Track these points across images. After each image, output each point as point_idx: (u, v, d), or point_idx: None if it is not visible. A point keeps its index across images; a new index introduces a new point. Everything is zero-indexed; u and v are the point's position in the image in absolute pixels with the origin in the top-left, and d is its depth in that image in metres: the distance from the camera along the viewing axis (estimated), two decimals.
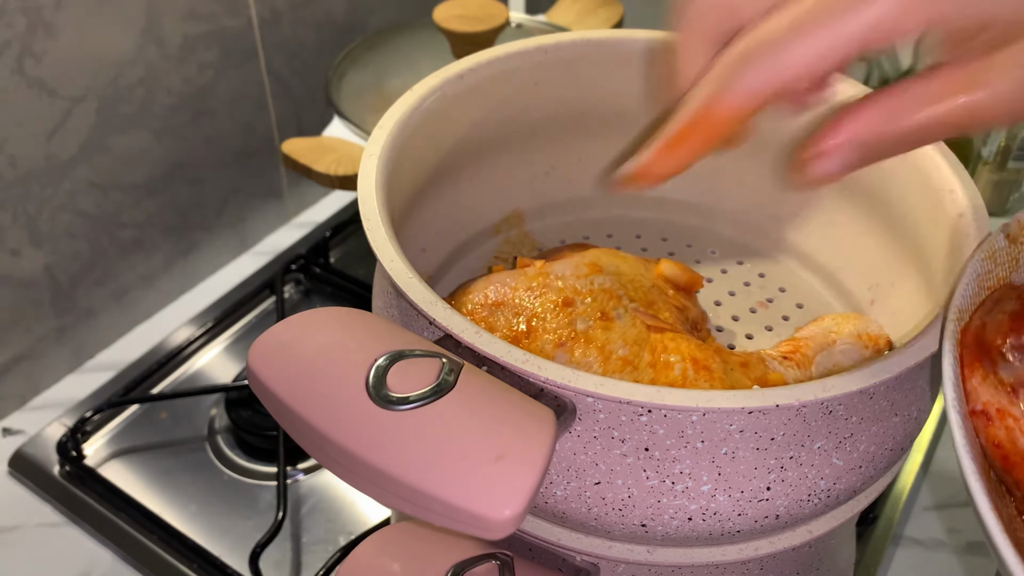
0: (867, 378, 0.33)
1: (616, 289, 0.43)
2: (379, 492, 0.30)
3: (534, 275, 0.43)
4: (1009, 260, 0.34)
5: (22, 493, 0.64)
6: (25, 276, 0.67)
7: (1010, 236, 0.34)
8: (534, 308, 0.42)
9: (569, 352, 0.40)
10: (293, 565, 0.59)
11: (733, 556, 0.38)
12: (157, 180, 0.74)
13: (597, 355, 0.40)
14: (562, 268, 0.44)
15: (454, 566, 0.38)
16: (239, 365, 0.73)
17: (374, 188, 0.40)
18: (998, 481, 0.31)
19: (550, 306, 0.42)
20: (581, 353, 0.40)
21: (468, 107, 0.49)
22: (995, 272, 0.34)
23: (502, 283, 0.43)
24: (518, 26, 0.83)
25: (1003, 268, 0.34)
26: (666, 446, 0.34)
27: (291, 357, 0.33)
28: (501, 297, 0.42)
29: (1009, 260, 0.34)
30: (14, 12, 0.59)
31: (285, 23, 0.79)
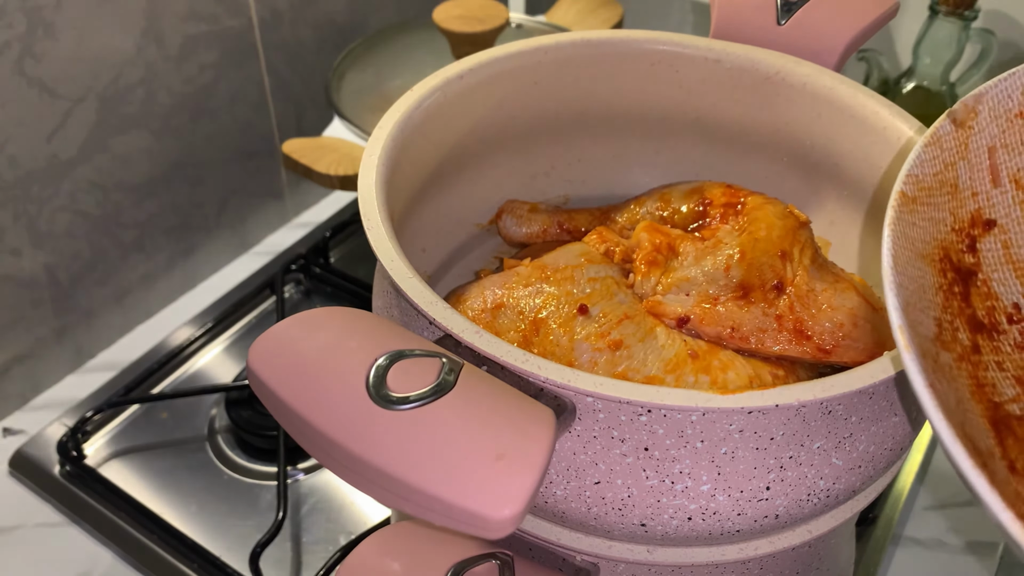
0: (867, 378, 0.33)
1: (612, 275, 0.44)
2: (379, 492, 0.30)
3: (528, 273, 0.43)
4: (957, 146, 0.35)
5: (22, 493, 0.64)
6: (25, 276, 0.67)
7: (956, 121, 0.35)
8: (538, 305, 0.42)
9: (590, 342, 0.41)
10: (293, 565, 0.59)
11: (733, 556, 0.38)
12: (157, 180, 0.74)
13: (610, 343, 0.41)
14: (555, 260, 0.44)
15: (454, 566, 0.38)
16: (239, 365, 0.73)
17: (374, 188, 0.40)
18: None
19: (553, 301, 0.42)
20: (598, 341, 0.41)
21: (468, 107, 0.49)
22: (941, 157, 0.34)
23: (498, 286, 0.43)
24: (518, 26, 0.83)
25: (949, 153, 0.35)
26: (666, 446, 0.34)
27: (291, 357, 0.33)
28: (500, 300, 0.42)
29: (957, 146, 0.35)
30: (14, 12, 0.59)
31: (285, 23, 0.79)
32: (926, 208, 0.33)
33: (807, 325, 0.42)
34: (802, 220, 0.46)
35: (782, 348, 0.42)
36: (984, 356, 0.33)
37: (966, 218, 0.34)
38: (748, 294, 0.43)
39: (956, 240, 0.34)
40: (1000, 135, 0.35)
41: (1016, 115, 0.35)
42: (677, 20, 0.98)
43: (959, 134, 0.34)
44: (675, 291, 0.43)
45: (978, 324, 0.33)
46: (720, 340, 0.42)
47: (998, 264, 0.35)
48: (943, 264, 0.33)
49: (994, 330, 0.34)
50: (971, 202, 0.35)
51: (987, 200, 0.35)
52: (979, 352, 0.33)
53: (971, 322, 0.33)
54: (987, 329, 0.34)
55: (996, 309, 0.34)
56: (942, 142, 0.34)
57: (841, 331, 0.42)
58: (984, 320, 0.34)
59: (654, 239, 0.45)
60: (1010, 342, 0.34)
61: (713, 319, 0.42)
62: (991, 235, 0.35)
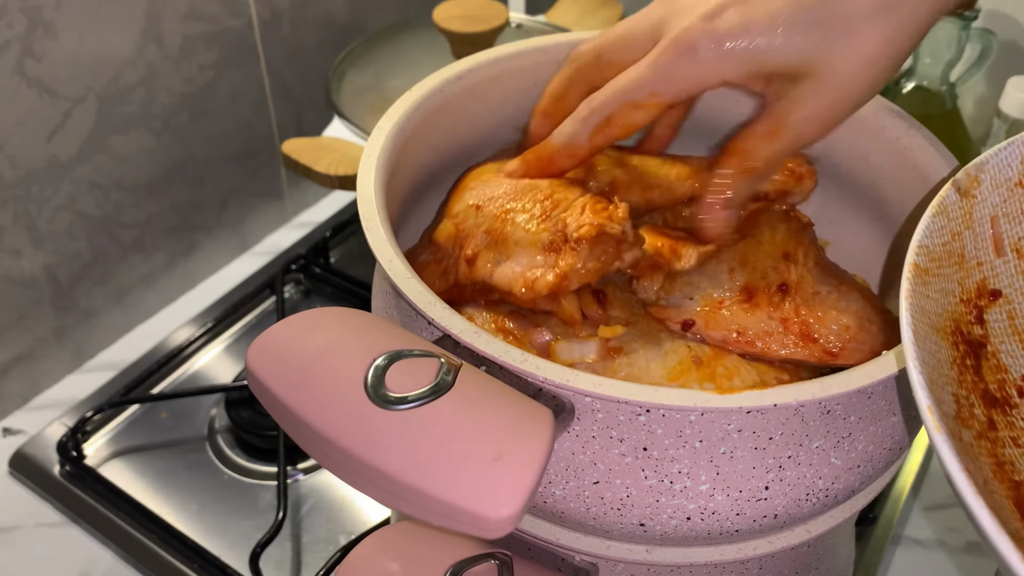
0: (865, 378, 0.33)
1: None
2: (378, 492, 0.30)
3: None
4: (962, 215, 0.35)
5: (22, 493, 0.64)
6: (25, 276, 0.67)
7: (961, 190, 0.35)
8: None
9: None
10: (293, 565, 0.59)
11: (732, 556, 0.38)
12: (157, 180, 0.74)
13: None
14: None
15: (453, 566, 0.38)
16: (239, 365, 0.73)
17: (374, 188, 0.40)
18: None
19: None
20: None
21: (468, 107, 0.49)
22: (948, 227, 0.34)
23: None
24: (518, 26, 0.83)
25: (955, 223, 0.35)
26: (664, 446, 0.34)
27: (290, 357, 0.33)
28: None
29: (962, 215, 0.35)
30: (14, 12, 0.59)
31: (285, 23, 0.79)
32: (937, 279, 0.33)
33: (813, 328, 0.42)
34: (804, 222, 0.46)
35: (788, 351, 0.42)
36: (1000, 432, 0.33)
37: (973, 289, 0.34)
38: (753, 297, 0.42)
39: (965, 311, 0.34)
40: (1002, 204, 0.36)
41: (1016, 184, 0.36)
42: None
43: (964, 203, 0.35)
44: (678, 295, 0.43)
45: (991, 399, 0.33)
46: (726, 344, 0.42)
47: (1005, 335, 0.35)
48: (955, 337, 0.33)
49: (1007, 404, 0.34)
50: (976, 272, 0.35)
51: (991, 270, 0.35)
52: (995, 428, 0.33)
53: (985, 397, 0.33)
54: (1000, 403, 0.33)
55: (1007, 382, 0.34)
56: (948, 212, 0.34)
57: (848, 333, 0.42)
58: (996, 394, 0.33)
59: (655, 242, 0.45)
60: (1023, 416, 0.34)
61: (718, 323, 0.42)
62: (997, 305, 0.35)
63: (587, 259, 0.39)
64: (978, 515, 0.25)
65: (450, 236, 0.43)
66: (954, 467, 0.26)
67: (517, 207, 0.42)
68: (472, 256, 0.41)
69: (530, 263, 0.40)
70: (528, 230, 0.40)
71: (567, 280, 0.39)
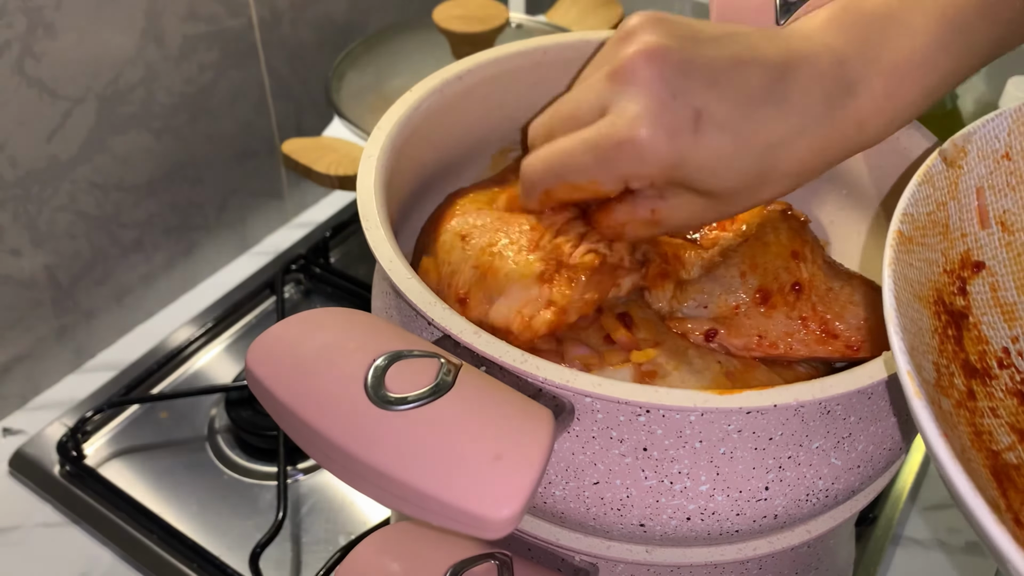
0: (865, 378, 0.33)
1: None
2: (378, 492, 0.30)
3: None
4: (948, 185, 0.35)
5: (22, 493, 0.64)
6: (25, 276, 0.67)
7: (947, 160, 0.35)
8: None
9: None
10: (293, 565, 0.59)
11: (732, 556, 0.38)
12: (157, 180, 0.74)
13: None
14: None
15: (453, 566, 0.38)
16: (239, 365, 0.73)
17: (373, 188, 0.40)
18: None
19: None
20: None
21: (468, 107, 0.49)
22: (934, 196, 0.34)
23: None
24: (518, 26, 0.83)
25: (941, 192, 0.35)
26: (664, 446, 0.34)
27: (290, 357, 0.33)
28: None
29: (948, 185, 0.35)
30: (14, 12, 0.59)
31: (285, 23, 0.79)
32: (921, 248, 0.33)
33: (833, 324, 0.42)
34: (802, 219, 0.46)
35: (810, 350, 0.42)
36: (979, 402, 0.33)
37: (957, 260, 0.35)
38: (768, 299, 0.42)
39: (948, 282, 0.34)
40: (988, 176, 0.36)
41: (1002, 156, 0.36)
42: None
43: (950, 173, 0.35)
44: (692, 304, 0.43)
45: (972, 369, 0.33)
46: (749, 350, 0.42)
47: (987, 307, 0.35)
48: (937, 307, 0.33)
49: (987, 375, 0.34)
50: (961, 243, 0.35)
51: (975, 242, 0.35)
52: (974, 398, 0.33)
53: (965, 367, 0.33)
54: (980, 374, 0.34)
55: (987, 353, 0.34)
56: (934, 181, 0.34)
57: (867, 326, 0.42)
58: (977, 365, 0.34)
59: (658, 250, 0.44)
60: (1002, 387, 0.34)
61: (740, 329, 0.42)
62: (980, 277, 0.35)
63: (585, 290, 0.39)
64: (954, 478, 0.25)
65: (434, 273, 0.43)
66: (932, 432, 0.26)
67: (504, 239, 0.41)
68: (463, 296, 0.41)
69: (524, 297, 0.39)
70: (519, 262, 0.40)
71: (566, 315, 0.39)
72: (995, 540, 0.24)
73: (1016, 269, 0.36)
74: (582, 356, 0.40)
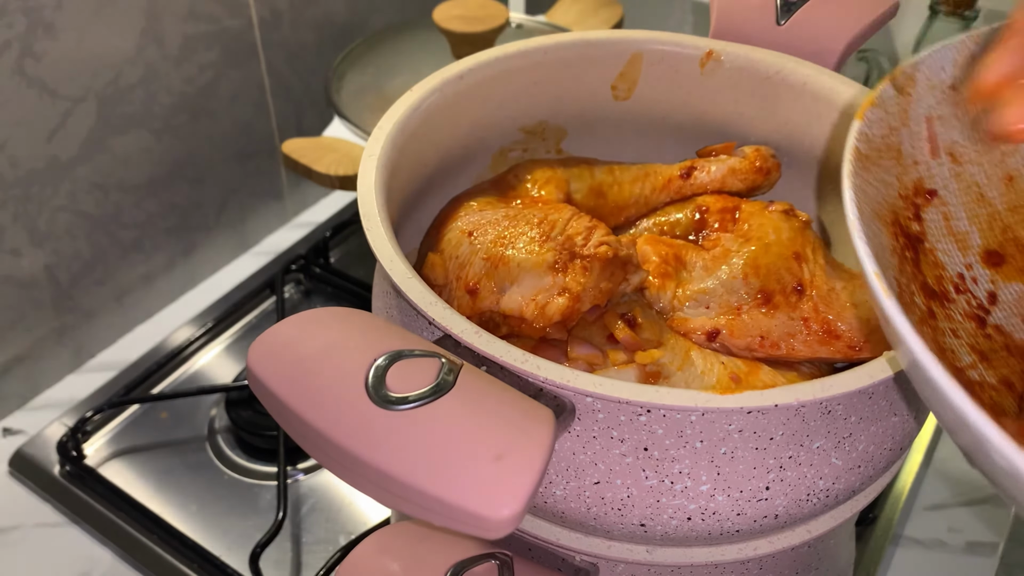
0: (866, 378, 0.33)
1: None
2: (378, 492, 0.30)
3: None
4: (899, 112, 0.35)
5: (22, 493, 0.64)
6: (25, 276, 0.67)
7: (897, 86, 0.35)
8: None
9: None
10: (293, 565, 0.59)
11: (732, 556, 0.38)
12: (157, 180, 0.74)
13: None
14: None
15: (454, 566, 0.38)
16: (239, 365, 0.73)
17: (374, 188, 0.40)
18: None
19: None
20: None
21: (468, 107, 0.49)
22: (887, 120, 0.35)
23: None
24: (518, 26, 0.83)
25: (893, 118, 0.35)
26: (665, 446, 0.34)
27: (291, 357, 0.33)
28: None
29: (899, 112, 0.35)
30: (14, 12, 0.59)
31: (285, 23, 0.79)
32: (877, 169, 0.34)
33: (835, 324, 0.42)
34: (803, 219, 0.46)
35: (812, 350, 0.42)
36: (940, 323, 0.33)
37: (911, 186, 0.35)
38: (770, 300, 0.42)
39: (904, 207, 0.34)
40: (936, 106, 0.36)
41: (949, 87, 0.36)
42: (677, 20, 0.98)
43: (900, 100, 0.35)
44: (693, 304, 0.43)
45: (931, 291, 0.34)
46: (751, 351, 0.42)
47: (941, 235, 0.35)
48: (895, 228, 0.34)
49: (945, 298, 0.34)
50: (914, 170, 0.35)
51: (928, 170, 0.36)
52: (935, 318, 0.33)
53: (924, 288, 0.34)
54: (939, 296, 0.34)
55: (944, 279, 0.35)
56: (886, 105, 0.35)
57: (868, 326, 0.42)
58: (935, 287, 0.34)
59: (659, 251, 0.44)
60: (959, 311, 0.35)
61: (742, 329, 0.42)
62: (933, 205, 0.35)
63: (599, 279, 0.39)
64: (912, 346, 0.25)
65: (441, 268, 0.43)
66: (902, 322, 0.26)
67: (514, 231, 0.42)
68: (474, 287, 0.41)
69: (537, 285, 0.39)
70: (531, 251, 0.40)
71: (580, 302, 0.39)
72: (955, 401, 0.24)
73: (967, 200, 0.36)
74: (586, 355, 0.40)
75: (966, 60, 0.36)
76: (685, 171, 0.50)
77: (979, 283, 0.36)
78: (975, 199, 0.36)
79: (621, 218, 0.51)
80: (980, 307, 0.35)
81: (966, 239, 0.36)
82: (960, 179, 0.36)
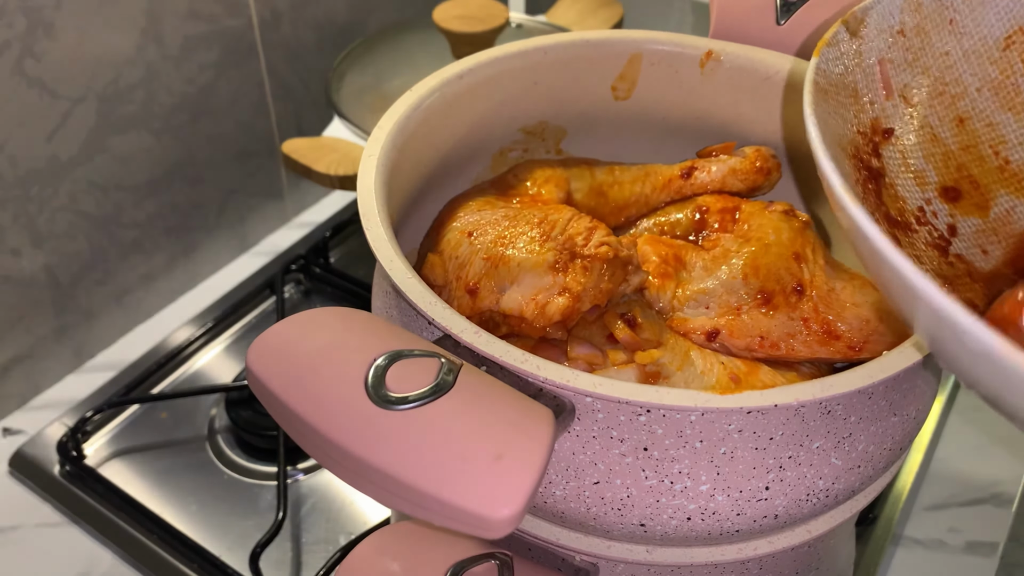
0: (866, 378, 0.33)
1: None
2: (378, 492, 0.30)
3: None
4: (853, 53, 0.36)
5: (22, 493, 0.64)
6: (25, 276, 0.67)
7: (849, 29, 0.36)
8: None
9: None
10: (293, 565, 0.59)
11: (732, 556, 0.38)
12: (157, 180, 0.74)
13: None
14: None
15: (454, 566, 0.38)
16: (239, 365, 0.73)
17: (374, 188, 0.40)
18: None
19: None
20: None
21: (468, 107, 0.49)
22: (842, 60, 0.35)
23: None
24: (518, 26, 0.83)
25: (848, 58, 0.36)
26: (665, 446, 0.34)
27: (290, 357, 0.33)
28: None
29: (853, 53, 0.36)
30: (14, 12, 0.59)
31: (285, 23, 0.79)
32: (835, 104, 0.34)
33: (835, 324, 0.42)
34: (803, 219, 0.46)
35: (812, 351, 0.42)
36: (904, 249, 0.34)
37: (868, 124, 0.36)
38: (770, 300, 0.42)
39: (863, 143, 0.35)
40: (886, 50, 0.37)
41: (898, 32, 0.37)
42: (677, 20, 0.98)
43: (853, 43, 0.36)
44: (693, 304, 0.43)
45: (894, 221, 0.35)
46: (750, 351, 0.42)
47: (900, 171, 0.36)
48: (855, 161, 0.34)
49: (908, 228, 0.35)
50: (870, 110, 0.36)
51: (883, 111, 0.36)
52: (900, 245, 0.34)
53: (888, 218, 0.34)
54: (902, 226, 0.35)
55: (905, 211, 0.35)
56: (840, 46, 0.35)
57: (869, 327, 0.42)
58: (898, 218, 0.35)
59: (659, 251, 0.44)
60: (922, 241, 0.35)
61: (741, 330, 0.42)
62: (890, 144, 0.36)
63: (599, 279, 0.39)
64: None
65: (441, 268, 0.43)
66: (860, 213, 0.26)
67: (515, 231, 0.42)
68: (474, 286, 0.41)
69: (537, 285, 0.39)
70: (532, 251, 0.40)
71: (580, 302, 0.39)
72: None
73: (921, 139, 0.37)
74: (586, 355, 0.40)
75: (912, 6, 0.37)
76: (685, 171, 0.50)
77: (939, 216, 0.36)
78: (929, 139, 0.37)
79: (621, 218, 0.51)
80: (941, 238, 0.36)
81: (923, 176, 0.37)
82: (913, 120, 0.37)
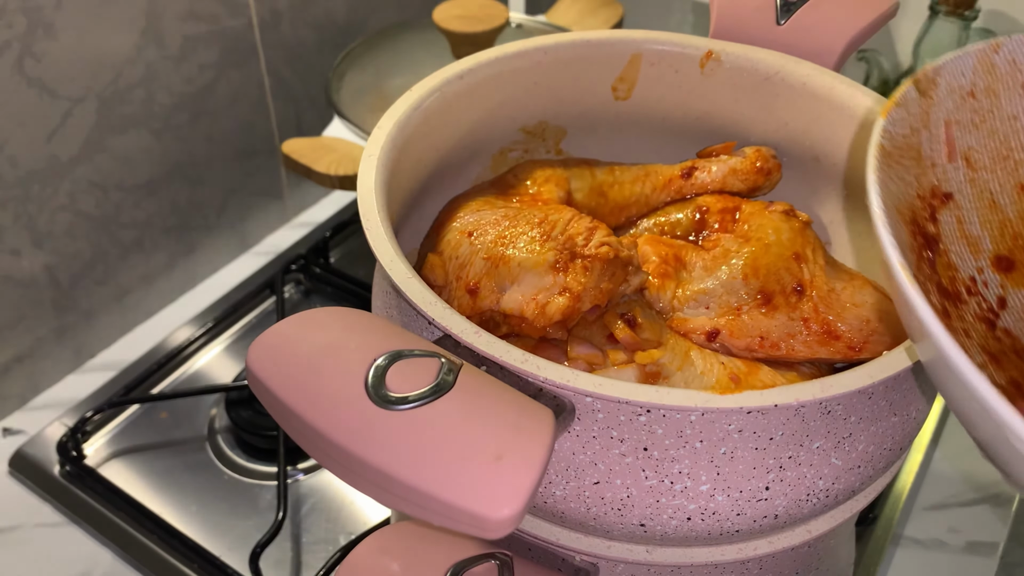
0: (866, 378, 0.33)
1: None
2: (378, 492, 0.30)
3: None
4: (920, 113, 0.36)
5: (22, 493, 0.64)
6: (25, 276, 0.67)
7: (920, 88, 0.36)
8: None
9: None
10: (293, 565, 0.59)
11: (732, 556, 0.38)
12: (157, 180, 0.74)
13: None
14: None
15: (454, 566, 0.38)
16: (239, 365, 0.73)
17: (374, 188, 0.40)
18: None
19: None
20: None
21: (468, 107, 0.49)
22: (908, 121, 0.35)
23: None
24: (518, 26, 0.83)
25: (915, 119, 0.35)
26: (665, 446, 0.34)
27: (290, 357, 0.33)
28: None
29: (920, 113, 0.36)
30: (14, 12, 0.59)
31: (285, 23, 0.79)
32: (898, 167, 0.34)
33: (835, 325, 0.42)
34: (803, 220, 0.46)
35: (812, 351, 0.42)
36: (953, 322, 0.34)
37: (928, 187, 0.36)
38: (770, 300, 0.42)
39: (921, 207, 0.35)
40: (955, 111, 0.37)
41: (968, 94, 0.36)
42: (677, 20, 0.98)
43: (922, 102, 0.36)
44: (693, 304, 0.43)
45: (944, 291, 0.35)
46: (751, 351, 0.42)
47: (954, 238, 0.36)
48: (913, 227, 0.34)
49: (958, 299, 0.35)
50: (931, 173, 0.36)
51: (944, 173, 0.36)
52: (949, 317, 0.34)
53: (939, 288, 0.34)
54: (952, 297, 0.35)
55: (956, 280, 0.35)
56: (908, 106, 0.35)
57: (869, 327, 0.42)
58: (949, 288, 0.35)
59: (659, 251, 0.44)
60: (971, 313, 0.35)
61: (742, 330, 0.42)
62: (948, 208, 0.36)
63: (600, 279, 0.39)
64: (937, 335, 0.25)
65: (441, 269, 0.43)
66: (926, 312, 0.26)
67: (515, 230, 0.42)
68: (474, 286, 0.41)
69: (538, 285, 0.39)
70: (532, 251, 0.40)
71: (580, 302, 0.39)
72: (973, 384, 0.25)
73: (979, 205, 0.37)
74: (586, 355, 0.40)
75: (985, 67, 0.36)
76: (686, 171, 0.50)
77: (989, 287, 0.36)
78: (987, 205, 0.37)
79: (622, 218, 0.51)
80: (991, 310, 0.36)
81: (978, 243, 0.36)
82: (974, 184, 0.37)
